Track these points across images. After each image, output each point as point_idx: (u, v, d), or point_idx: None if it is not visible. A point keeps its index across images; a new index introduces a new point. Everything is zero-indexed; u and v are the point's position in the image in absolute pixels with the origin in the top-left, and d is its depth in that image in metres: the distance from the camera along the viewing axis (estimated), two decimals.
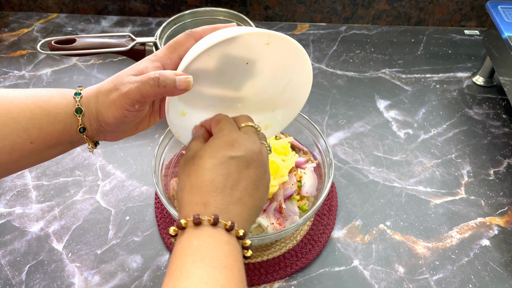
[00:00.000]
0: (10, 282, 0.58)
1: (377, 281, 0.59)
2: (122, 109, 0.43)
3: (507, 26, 0.75)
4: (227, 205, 0.41)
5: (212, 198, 0.41)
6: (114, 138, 0.48)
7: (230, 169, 0.42)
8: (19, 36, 0.95)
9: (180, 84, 0.41)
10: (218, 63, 0.46)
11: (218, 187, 0.41)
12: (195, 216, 0.39)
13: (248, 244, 0.41)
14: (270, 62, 0.48)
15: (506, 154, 0.74)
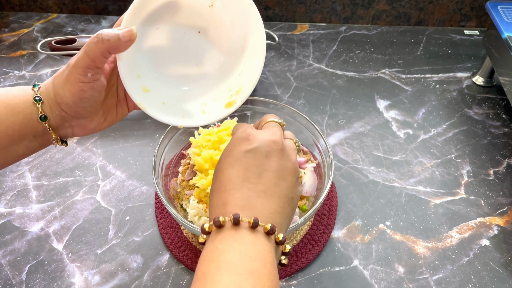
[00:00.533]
0: (10, 282, 0.58)
1: (377, 281, 0.59)
2: (76, 81, 0.42)
3: (507, 26, 0.75)
4: (250, 200, 0.39)
5: (231, 196, 0.39)
6: (82, 130, 0.47)
7: (248, 163, 0.40)
8: (19, 36, 0.96)
9: (124, 35, 0.41)
10: (169, 38, 0.46)
11: (236, 183, 0.39)
12: (215, 219, 0.37)
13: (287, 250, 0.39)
14: (221, 24, 0.47)
15: (506, 154, 0.74)
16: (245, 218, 0.37)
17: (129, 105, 0.50)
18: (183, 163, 0.66)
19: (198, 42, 0.48)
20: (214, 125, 0.67)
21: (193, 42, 0.48)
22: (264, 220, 0.38)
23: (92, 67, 0.42)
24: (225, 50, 0.49)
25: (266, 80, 0.87)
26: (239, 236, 0.37)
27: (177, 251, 0.61)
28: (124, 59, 0.44)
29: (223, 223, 0.37)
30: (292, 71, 0.89)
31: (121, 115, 0.50)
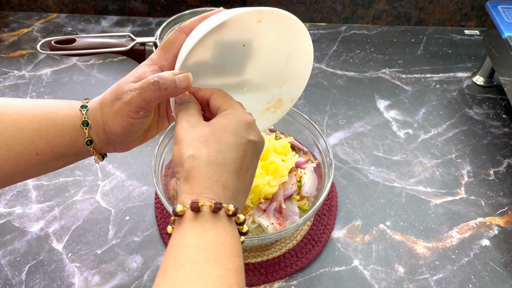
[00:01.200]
0: (10, 282, 0.58)
1: (377, 281, 0.59)
2: (127, 117, 0.42)
3: (507, 26, 0.75)
4: (239, 192, 0.39)
5: (232, 180, 0.38)
6: (124, 149, 0.48)
7: (246, 153, 0.40)
8: (19, 36, 0.95)
9: (181, 83, 0.41)
10: (214, 52, 0.46)
11: (236, 169, 0.39)
12: (217, 202, 0.35)
13: (245, 231, 0.39)
14: (266, 39, 0.47)
15: (506, 154, 0.74)
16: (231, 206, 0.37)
17: (170, 119, 0.50)
18: None
19: (242, 54, 0.48)
20: None
21: (237, 55, 0.48)
22: (240, 211, 0.39)
23: (145, 108, 0.42)
24: (268, 63, 0.49)
25: None
26: (231, 229, 0.37)
27: None
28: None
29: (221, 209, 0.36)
30: None
31: (161, 129, 0.50)
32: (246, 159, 0.40)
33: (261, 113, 0.52)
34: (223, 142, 0.39)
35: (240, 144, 0.39)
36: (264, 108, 0.52)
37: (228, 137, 0.39)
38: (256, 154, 0.42)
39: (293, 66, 0.50)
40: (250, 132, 0.40)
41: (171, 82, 0.41)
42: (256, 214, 0.58)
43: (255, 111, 0.52)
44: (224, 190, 0.37)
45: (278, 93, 0.52)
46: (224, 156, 0.38)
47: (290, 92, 0.52)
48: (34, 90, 0.84)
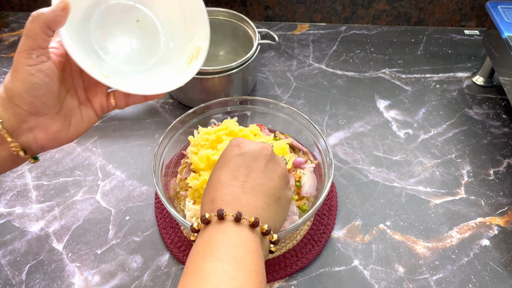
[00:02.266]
0: (10, 282, 0.58)
1: (377, 281, 0.59)
2: (22, 66, 0.41)
3: (507, 26, 0.75)
4: (234, 196, 0.42)
5: (219, 193, 0.42)
6: (44, 133, 0.45)
7: (237, 165, 0.44)
8: (19, 36, 0.95)
9: (58, 5, 0.41)
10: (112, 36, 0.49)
11: (224, 182, 0.43)
12: (202, 217, 0.40)
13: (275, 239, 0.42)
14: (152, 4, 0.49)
15: (506, 154, 0.74)
16: (228, 212, 0.40)
17: (96, 108, 0.49)
18: (183, 163, 0.66)
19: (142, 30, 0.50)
20: (214, 125, 0.67)
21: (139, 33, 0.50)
22: (249, 213, 0.40)
23: (35, 47, 0.41)
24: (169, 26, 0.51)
25: (266, 80, 0.87)
26: (224, 228, 0.39)
27: (177, 251, 0.61)
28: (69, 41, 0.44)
29: (210, 218, 0.40)
30: (292, 71, 0.89)
31: (88, 120, 0.48)
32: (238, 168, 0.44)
33: (185, 68, 0.53)
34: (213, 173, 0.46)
35: (225, 163, 0.45)
36: (187, 63, 0.53)
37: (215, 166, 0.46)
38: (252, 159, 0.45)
39: (190, 14, 0.52)
40: (236, 150, 0.46)
41: (48, 8, 0.41)
42: None
43: (180, 70, 0.53)
44: (213, 204, 0.42)
45: (193, 44, 0.54)
46: (211, 180, 0.45)
47: (201, 36, 0.53)
48: None
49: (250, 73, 0.79)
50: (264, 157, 0.45)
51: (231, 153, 0.45)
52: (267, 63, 0.90)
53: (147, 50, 0.51)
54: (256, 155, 0.45)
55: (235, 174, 0.43)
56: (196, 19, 0.52)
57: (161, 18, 0.51)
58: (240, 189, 0.42)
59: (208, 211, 0.41)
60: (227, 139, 0.61)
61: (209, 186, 0.44)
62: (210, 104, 0.67)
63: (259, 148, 0.46)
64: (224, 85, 0.76)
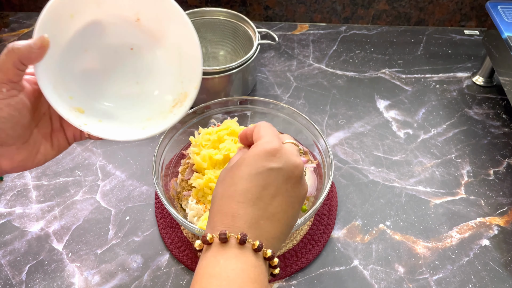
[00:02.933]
0: (10, 282, 0.58)
1: (377, 281, 0.59)
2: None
3: (507, 26, 0.75)
4: (258, 220, 0.38)
5: (243, 210, 0.38)
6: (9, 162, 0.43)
7: (268, 181, 0.39)
8: (20, 36, 0.95)
9: (36, 42, 0.39)
10: (101, 58, 0.45)
11: (251, 199, 0.38)
12: (222, 232, 0.37)
13: (276, 263, 0.39)
14: (152, 37, 0.46)
15: (506, 154, 0.74)
16: (250, 240, 0.37)
17: (68, 136, 0.47)
18: (183, 163, 0.66)
19: (133, 59, 0.47)
20: (214, 125, 0.67)
21: (128, 60, 0.47)
22: (266, 243, 0.38)
23: (5, 81, 0.39)
24: (162, 61, 0.48)
25: (266, 80, 0.87)
26: (243, 256, 0.37)
27: (177, 251, 0.61)
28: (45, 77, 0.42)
29: (229, 238, 0.37)
30: (292, 71, 0.89)
31: (58, 147, 0.46)
32: (268, 187, 0.39)
33: (168, 112, 0.50)
34: (236, 176, 0.39)
35: (256, 174, 0.39)
36: (171, 106, 0.51)
37: (241, 170, 0.39)
38: (285, 180, 0.40)
39: (185, 54, 0.49)
40: (271, 160, 0.39)
41: (24, 43, 0.39)
42: None
43: (163, 112, 0.50)
44: (234, 220, 0.38)
45: (181, 87, 0.51)
46: (235, 188, 0.39)
47: (191, 82, 0.50)
48: None
49: (250, 73, 0.79)
50: (295, 179, 0.41)
51: (265, 162, 0.39)
52: (267, 63, 0.90)
53: (136, 79, 0.48)
54: (289, 175, 0.40)
55: (262, 193, 0.39)
56: (191, 64, 0.49)
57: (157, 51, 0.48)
58: (264, 213, 0.39)
59: (227, 227, 0.37)
60: (228, 139, 0.61)
61: (231, 194, 0.39)
62: (210, 104, 0.67)
63: (294, 166, 0.40)
64: (224, 85, 0.76)
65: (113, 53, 0.45)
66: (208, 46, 0.86)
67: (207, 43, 0.86)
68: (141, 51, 0.47)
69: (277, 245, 0.40)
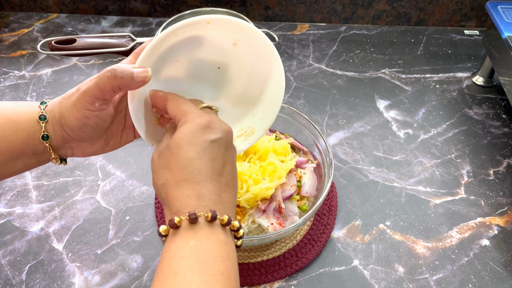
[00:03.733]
0: (10, 282, 0.58)
1: (377, 281, 0.59)
2: (82, 108, 0.42)
3: (507, 26, 0.75)
4: (220, 194, 0.39)
5: (205, 188, 0.38)
6: (82, 152, 0.47)
7: (214, 154, 0.40)
8: (19, 36, 0.96)
9: (138, 75, 0.40)
10: (188, 70, 0.45)
11: (207, 175, 0.39)
12: (191, 212, 0.36)
13: (241, 234, 0.39)
14: (242, 63, 0.46)
15: (505, 154, 0.74)
16: (219, 216, 0.37)
17: (136, 133, 0.49)
18: None
19: (217, 77, 0.47)
20: None
21: (212, 77, 0.47)
22: (230, 215, 0.39)
23: (100, 98, 0.42)
24: (243, 89, 0.49)
25: None
26: (213, 234, 0.37)
27: None
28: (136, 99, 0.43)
29: (198, 217, 0.36)
30: (292, 71, 0.89)
31: (125, 142, 0.49)
32: (217, 159, 0.40)
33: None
34: (183, 158, 0.39)
35: (202, 149, 0.39)
36: (236, 135, 0.50)
37: (185, 151, 0.39)
38: (226, 148, 0.41)
39: (268, 93, 0.49)
40: (209, 132, 0.40)
41: (128, 72, 0.40)
42: (256, 215, 0.58)
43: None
44: (200, 200, 0.38)
45: (251, 121, 0.51)
46: (188, 170, 0.39)
47: (263, 121, 0.51)
48: (34, 90, 0.84)
49: None
50: (231, 145, 0.42)
51: (205, 136, 0.40)
52: None
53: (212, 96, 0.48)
54: (227, 142, 0.41)
55: (214, 167, 0.39)
56: (270, 104, 0.49)
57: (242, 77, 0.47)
58: (221, 185, 0.39)
59: (195, 208, 0.37)
60: None
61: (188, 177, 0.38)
62: None
63: (228, 132, 0.42)
64: None
65: (200, 67, 0.45)
66: None
67: None
68: (227, 72, 0.47)
69: (234, 213, 0.41)
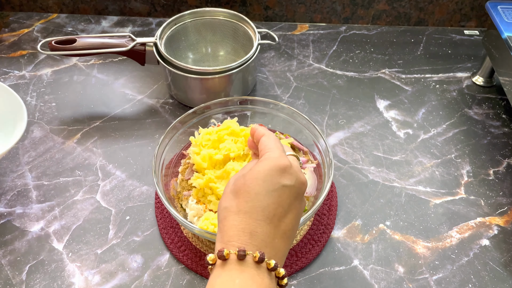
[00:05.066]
0: (10, 282, 0.58)
1: (377, 281, 0.59)
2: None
3: (507, 26, 0.75)
4: (273, 238, 0.39)
5: (260, 228, 0.38)
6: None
7: (282, 198, 0.40)
8: (20, 36, 0.96)
9: None
10: None
11: (268, 216, 0.39)
12: (241, 249, 0.37)
13: (285, 283, 0.39)
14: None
15: (505, 154, 0.74)
16: (266, 259, 0.37)
17: None
18: (183, 163, 0.66)
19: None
20: (214, 125, 0.67)
21: None
22: (279, 262, 0.38)
23: None
24: None
25: (266, 80, 0.87)
26: (259, 277, 0.37)
27: (177, 251, 0.61)
28: None
29: (247, 255, 0.37)
30: (292, 71, 0.89)
31: None
32: (282, 204, 0.40)
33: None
34: (252, 190, 0.39)
35: (272, 190, 0.40)
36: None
37: (258, 185, 0.40)
38: (296, 197, 0.41)
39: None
40: (284, 177, 0.40)
41: None
42: None
43: None
44: (252, 238, 0.38)
45: None
46: (252, 204, 0.39)
47: None
48: (34, 90, 0.84)
49: (250, 73, 0.79)
50: (301, 196, 0.42)
51: (279, 178, 0.40)
52: (267, 63, 0.90)
53: None
54: (298, 192, 0.41)
55: (278, 210, 0.39)
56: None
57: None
58: (277, 230, 0.39)
59: (245, 244, 0.37)
60: (228, 139, 0.61)
61: (249, 210, 0.39)
62: (210, 104, 0.67)
63: (302, 183, 0.42)
64: (224, 85, 0.76)
65: None
66: (208, 46, 0.86)
67: (207, 43, 0.86)
68: None
69: (283, 261, 0.40)
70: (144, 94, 0.83)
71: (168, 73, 0.76)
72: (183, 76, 0.74)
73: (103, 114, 0.80)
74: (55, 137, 0.76)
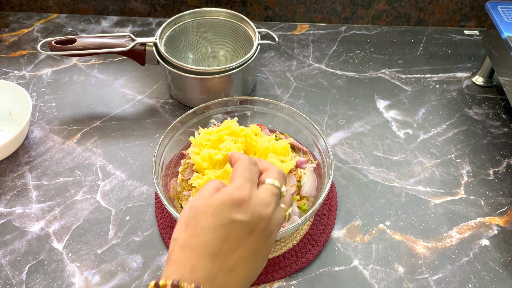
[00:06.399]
0: (10, 282, 0.58)
1: (376, 281, 0.59)
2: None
3: (506, 26, 0.75)
4: (216, 275, 0.37)
5: (201, 263, 0.37)
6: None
7: (230, 234, 0.38)
8: (20, 36, 0.96)
9: None
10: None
11: (212, 252, 0.37)
12: (175, 280, 0.36)
13: None
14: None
15: (505, 154, 0.74)
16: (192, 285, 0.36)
17: None
18: (183, 163, 0.66)
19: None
20: (214, 125, 0.67)
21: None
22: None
23: None
24: None
25: (266, 80, 0.87)
26: None
27: None
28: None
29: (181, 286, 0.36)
30: (292, 71, 0.89)
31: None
32: (230, 240, 0.38)
33: None
34: (199, 224, 0.38)
35: (219, 225, 0.38)
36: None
37: (206, 219, 0.38)
38: (249, 233, 0.39)
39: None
40: (236, 211, 0.38)
41: None
42: None
43: None
44: (192, 273, 0.37)
45: None
46: (197, 239, 0.38)
47: None
48: (34, 90, 0.84)
49: (250, 73, 0.79)
50: (260, 232, 0.40)
51: (229, 213, 0.38)
52: (267, 63, 0.90)
53: None
54: (253, 227, 0.39)
55: (224, 247, 0.38)
56: None
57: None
58: (222, 266, 0.38)
59: (184, 278, 0.36)
60: (228, 139, 0.61)
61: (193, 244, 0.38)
62: (210, 104, 0.67)
63: (259, 219, 0.39)
64: (224, 85, 0.76)
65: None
66: (208, 46, 0.86)
67: (207, 43, 0.86)
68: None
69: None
70: (144, 94, 0.83)
71: (168, 73, 0.76)
72: (183, 76, 0.74)
73: (103, 114, 0.80)
74: (55, 137, 0.76)
